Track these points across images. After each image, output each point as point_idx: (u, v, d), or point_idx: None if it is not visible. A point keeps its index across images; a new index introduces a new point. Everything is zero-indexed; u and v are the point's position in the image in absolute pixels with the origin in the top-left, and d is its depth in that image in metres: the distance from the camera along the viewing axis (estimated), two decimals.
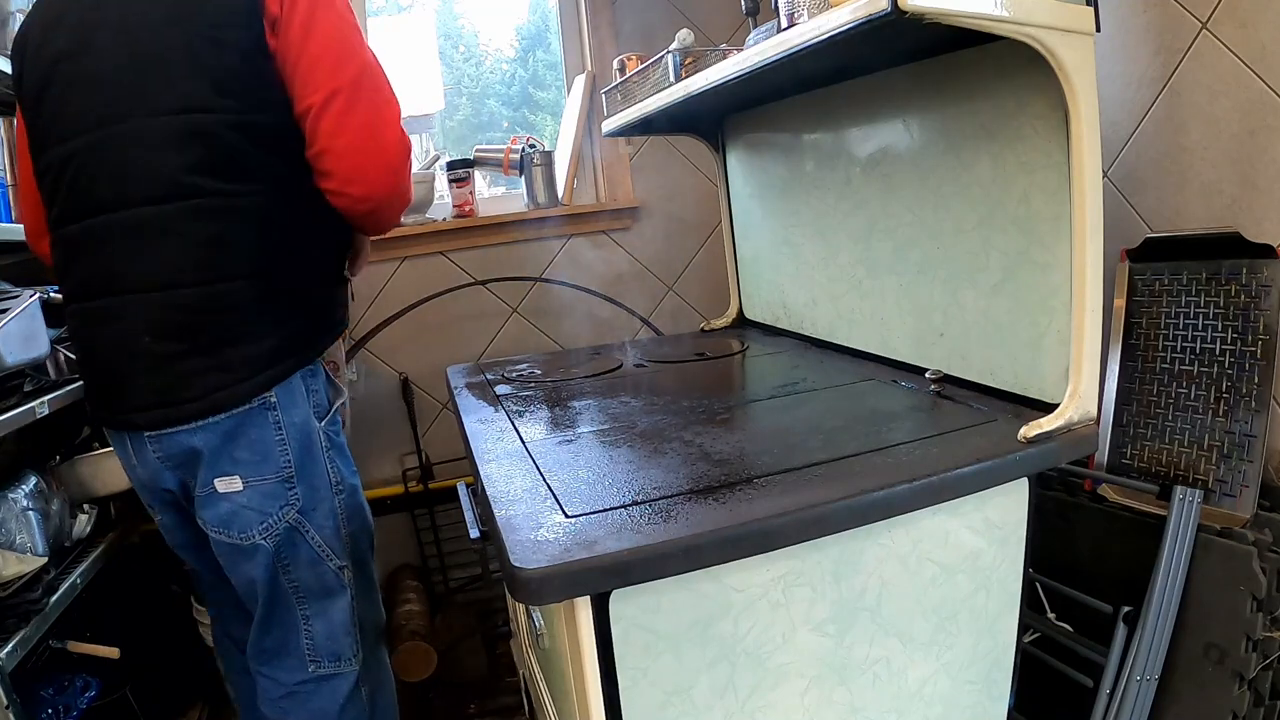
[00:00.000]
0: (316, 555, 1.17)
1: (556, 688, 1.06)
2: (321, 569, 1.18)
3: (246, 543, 1.13)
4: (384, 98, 1.10)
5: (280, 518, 1.14)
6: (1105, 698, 1.20)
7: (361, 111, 1.06)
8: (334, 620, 1.20)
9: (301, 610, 1.19)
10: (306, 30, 1.04)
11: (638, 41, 2.19)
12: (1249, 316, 1.18)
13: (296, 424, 1.13)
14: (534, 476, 0.98)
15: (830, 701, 0.94)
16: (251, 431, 1.10)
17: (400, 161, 1.11)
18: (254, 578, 1.16)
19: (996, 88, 1.08)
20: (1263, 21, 1.15)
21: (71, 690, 1.55)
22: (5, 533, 1.34)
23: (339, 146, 1.06)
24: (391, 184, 1.11)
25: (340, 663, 1.22)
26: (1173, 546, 1.18)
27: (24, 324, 1.34)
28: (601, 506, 0.86)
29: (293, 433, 1.13)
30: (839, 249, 1.50)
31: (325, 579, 1.19)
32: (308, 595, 1.18)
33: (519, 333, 2.32)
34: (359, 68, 1.06)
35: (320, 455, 1.17)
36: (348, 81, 1.05)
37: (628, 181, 2.34)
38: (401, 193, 1.15)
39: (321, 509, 1.17)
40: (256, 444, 1.10)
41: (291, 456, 1.13)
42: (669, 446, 1.05)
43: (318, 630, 1.19)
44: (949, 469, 0.90)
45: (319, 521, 1.17)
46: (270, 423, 1.11)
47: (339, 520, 1.20)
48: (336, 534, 1.19)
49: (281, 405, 1.11)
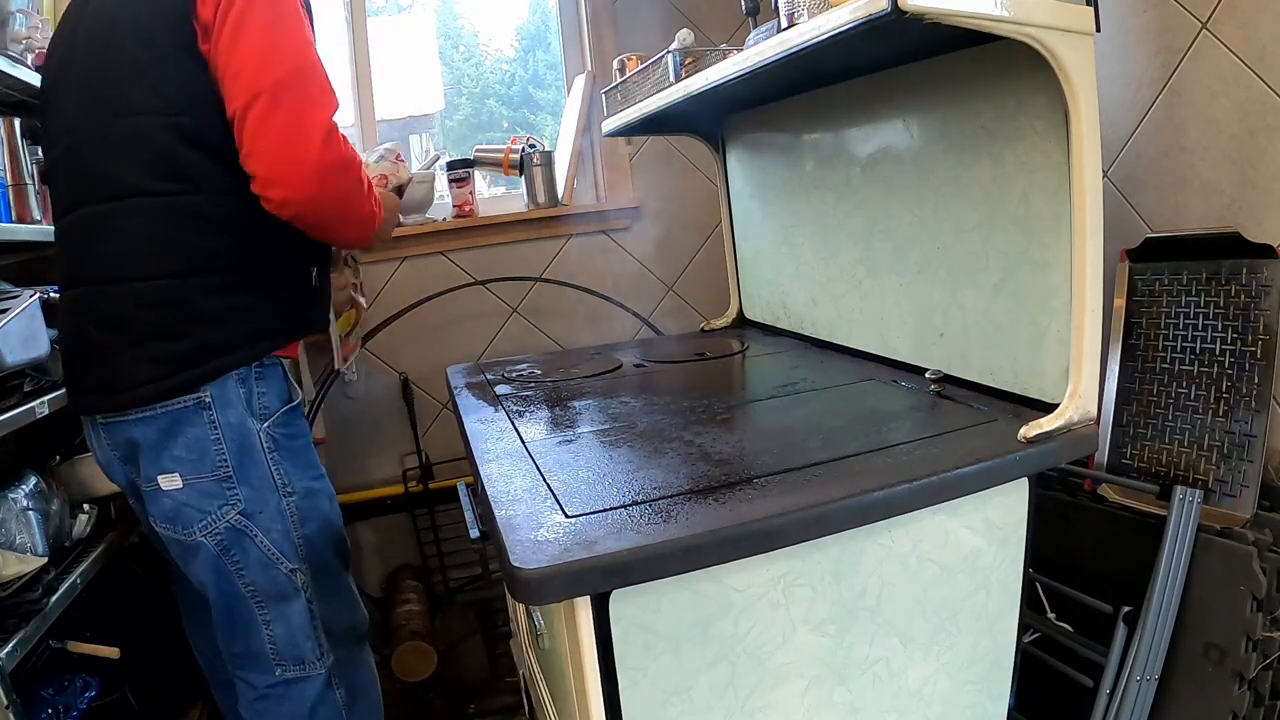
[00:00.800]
0: (266, 558, 1.17)
1: (556, 688, 1.06)
2: (273, 572, 1.17)
3: (189, 540, 1.16)
4: (311, 100, 1.06)
5: (220, 516, 1.14)
6: (1105, 698, 1.20)
7: (283, 114, 1.04)
8: (292, 623, 1.20)
9: (260, 614, 1.19)
10: (236, 34, 1.04)
11: (638, 41, 2.19)
12: (1249, 316, 1.18)
13: (232, 424, 1.14)
14: (534, 476, 0.98)
15: (830, 701, 0.94)
16: (188, 430, 1.12)
17: (325, 167, 1.06)
18: (203, 578, 1.19)
19: (996, 88, 1.08)
20: (1263, 21, 1.15)
21: (71, 690, 1.55)
22: (5, 533, 1.33)
23: (260, 149, 1.05)
24: (313, 190, 1.07)
25: (304, 666, 1.21)
26: (1173, 546, 1.18)
27: (24, 324, 1.34)
28: (601, 506, 0.86)
29: (228, 433, 1.13)
30: (839, 249, 1.50)
31: (278, 582, 1.18)
32: (264, 599, 1.18)
33: (519, 333, 2.32)
34: (287, 70, 1.05)
35: (261, 457, 1.16)
36: (271, 84, 1.04)
37: (628, 181, 2.34)
38: (331, 200, 1.10)
39: (267, 511, 1.17)
40: (193, 443, 1.12)
41: (228, 457, 1.14)
42: (669, 446, 1.05)
43: (278, 633, 1.20)
44: (949, 469, 0.90)
45: (265, 524, 1.16)
46: (205, 422, 1.12)
47: (289, 523, 1.19)
48: (287, 536, 1.18)
49: (216, 405, 1.12)
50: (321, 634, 1.23)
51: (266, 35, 1.05)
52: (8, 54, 1.52)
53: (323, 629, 1.24)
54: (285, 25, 1.06)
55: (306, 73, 1.06)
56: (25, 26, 1.58)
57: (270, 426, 1.18)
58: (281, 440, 1.19)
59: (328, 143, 1.06)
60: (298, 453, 1.22)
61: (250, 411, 1.16)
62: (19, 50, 1.56)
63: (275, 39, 1.05)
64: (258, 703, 1.22)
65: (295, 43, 1.07)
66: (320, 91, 1.08)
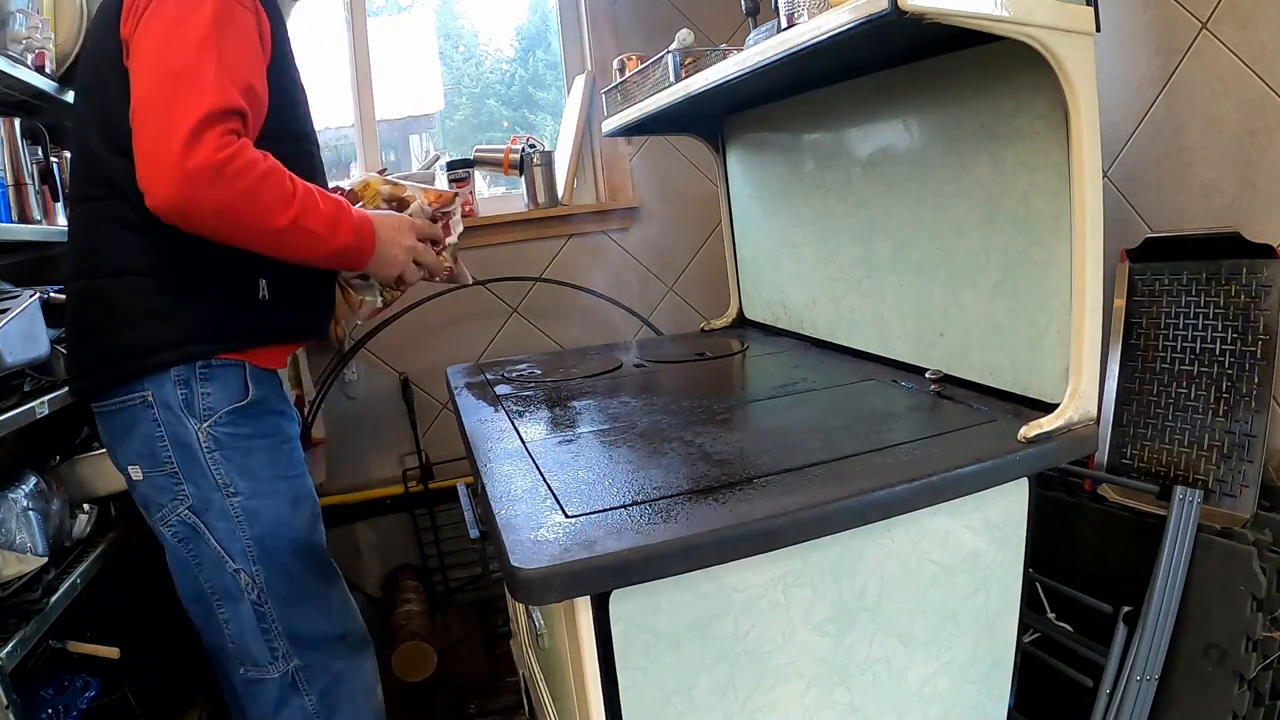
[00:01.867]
0: (216, 556, 1.19)
1: (556, 688, 1.06)
2: (223, 570, 1.20)
3: (156, 529, 1.22)
4: (179, 99, 1.02)
5: (172, 510, 1.19)
6: (1105, 698, 1.20)
7: (151, 117, 1.03)
8: (243, 623, 1.21)
9: (220, 612, 1.21)
10: (138, 45, 1.06)
11: (638, 41, 2.19)
12: (1249, 316, 1.18)
13: (171, 422, 1.17)
14: (534, 476, 0.98)
15: (830, 701, 0.94)
16: (139, 426, 1.17)
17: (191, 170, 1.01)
18: (172, 565, 1.24)
19: (996, 88, 1.08)
20: (1263, 21, 1.15)
21: (71, 690, 1.55)
22: (5, 533, 1.33)
23: (136, 153, 1.04)
24: (179, 193, 1.02)
25: (260, 668, 1.23)
26: (1173, 546, 1.18)
27: (24, 324, 1.34)
28: (601, 506, 0.86)
29: (169, 430, 1.17)
30: (839, 249, 1.50)
31: (227, 582, 1.20)
32: (221, 596, 1.21)
33: (519, 333, 2.32)
34: (162, 73, 1.03)
35: (200, 457, 1.17)
36: (146, 88, 1.04)
37: (628, 181, 2.34)
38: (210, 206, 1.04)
39: (213, 510, 1.18)
40: (143, 438, 1.17)
41: (172, 454, 1.17)
42: (669, 446, 1.05)
43: (234, 632, 1.22)
44: (949, 469, 0.90)
45: (211, 523, 1.19)
46: (150, 419, 1.17)
47: (233, 524, 1.19)
48: (232, 537, 1.19)
49: (157, 403, 1.16)
50: (278, 638, 1.23)
51: (156, 42, 1.05)
52: (8, 54, 1.52)
53: (284, 633, 1.23)
54: (178, 30, 1.04)
55: (181, 73, 1.03)
56: (25, 26, 1.58)
57: (212, 426, 1.17)
58: (226, 440, 1.18)
59: (191, 144, 1.00)
60: (250, 453, 1.20)
61: (190, 411, 1.17)
62: (19, 50, 1.56)
63: (163, 44, 1.05)
64: (242, 697, 1.26)
65: (182, 45, 1.04)
66: (191, 91, 1.02)
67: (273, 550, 1.21)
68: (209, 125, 1.02)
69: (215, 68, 1.04)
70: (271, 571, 1.21)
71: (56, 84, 1.70)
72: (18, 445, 1.62)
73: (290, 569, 1.24)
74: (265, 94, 1.13)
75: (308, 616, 1.26)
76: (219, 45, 1.05)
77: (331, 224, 1.15)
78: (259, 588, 1.21)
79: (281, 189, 1.09)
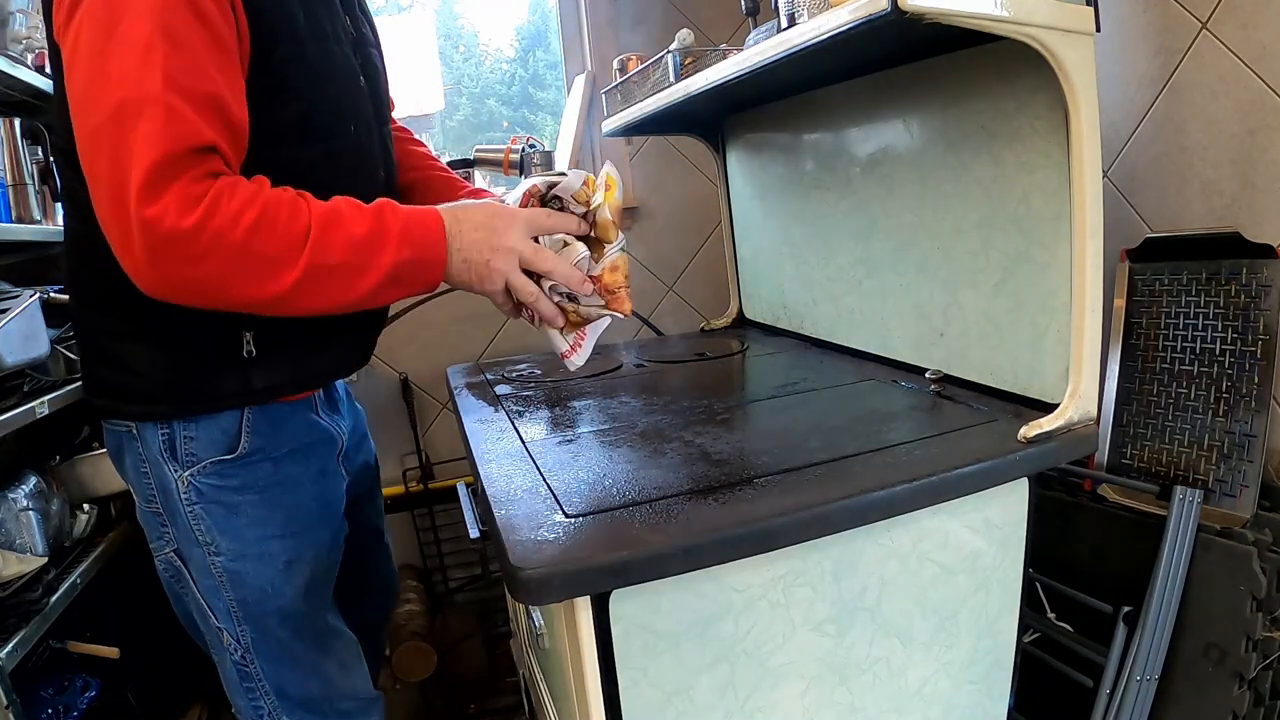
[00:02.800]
0: (200, 606, 1.05)
1: (556, 688, 1.06)
2: (207, 622, 1.06)
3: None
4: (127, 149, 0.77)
5: (160, 548, 1.06)
6: (1105, 698, 1.20)
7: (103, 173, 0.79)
8: (227, 674, 1.08)
9: (211, 652, 1.10)
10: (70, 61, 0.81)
11: (638, 41, 2.19)
12: (1249, 316, 1.18)
13: (152, 463, 1.00)
14: (534, 476, 0.98)
15: (830, 701, 0.94)
16: (127, 455, 1.03)
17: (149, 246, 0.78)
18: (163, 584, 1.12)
19: (996, 88, 1.08)
20: (1263, 21, 1.15)
21: (71, 690, 1.55)
22: (5, 533, 1.34)
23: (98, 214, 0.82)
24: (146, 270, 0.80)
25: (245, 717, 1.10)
26: (1173, 546, 1.18)
27: (24, 324, 1.34)
28: (601, 506, 0.86)
29: (152, 470, 1.01)
30: (839, 249, 1.50)
31: (210, 633, 1.07)
32: (210, 641, 1.08)
33: (519, 333, 2.32)
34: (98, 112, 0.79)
35: (180, 505, 1.00)
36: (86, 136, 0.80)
37: (628, 182, 2.34)
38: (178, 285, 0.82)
39: (195, 562, 1.03)
40: (131, 468, 1.03)
41: (156, 493, 1.02)
42: (669, 446, 1.05)
43: (221, 675, 1.10)
44: (949, 469, 0.90)
45: (194, 574, 1.04)
46: (135, 451, 1.01)
47: (216, 582, 1.02)
48: (214, 594, 1.03)
49: (140, 438, 1.00)
50: (265, 695, 1.08)
51: (87, 58, 0.79)
52: (8, 54, 1.52)
53: (271, 691, 1.08)
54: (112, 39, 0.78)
55: (122, 106, 0.77)
56: (25, 26, 1.58)
57: (195, 476, 0.99)
58: (210, 492, 1.00)
59: (146, 208, 0.77)
60: (236, 509, 1.01)
61: (172, 455, 0.99)
62: (19, 50, 1.57)
63: (96, 61, 0.78)
64: None
65: (119, 62, 0.77)
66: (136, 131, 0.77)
67: (258, 615, 1.04)
68: (166, 179, 0.77)
69: (163, 86, 0.78)
70: (258, 634, 1.05)
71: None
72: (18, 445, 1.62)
73: (278, 636, 1.06)
74: (243, 105, 0.86)
75: (298, 681, 1.09)
76: (171, 49, 0.79)
77: (367, 245, 0.87)
78: (243, 648, 1.05)
79: (285, 234, 0.83)
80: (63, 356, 1.56)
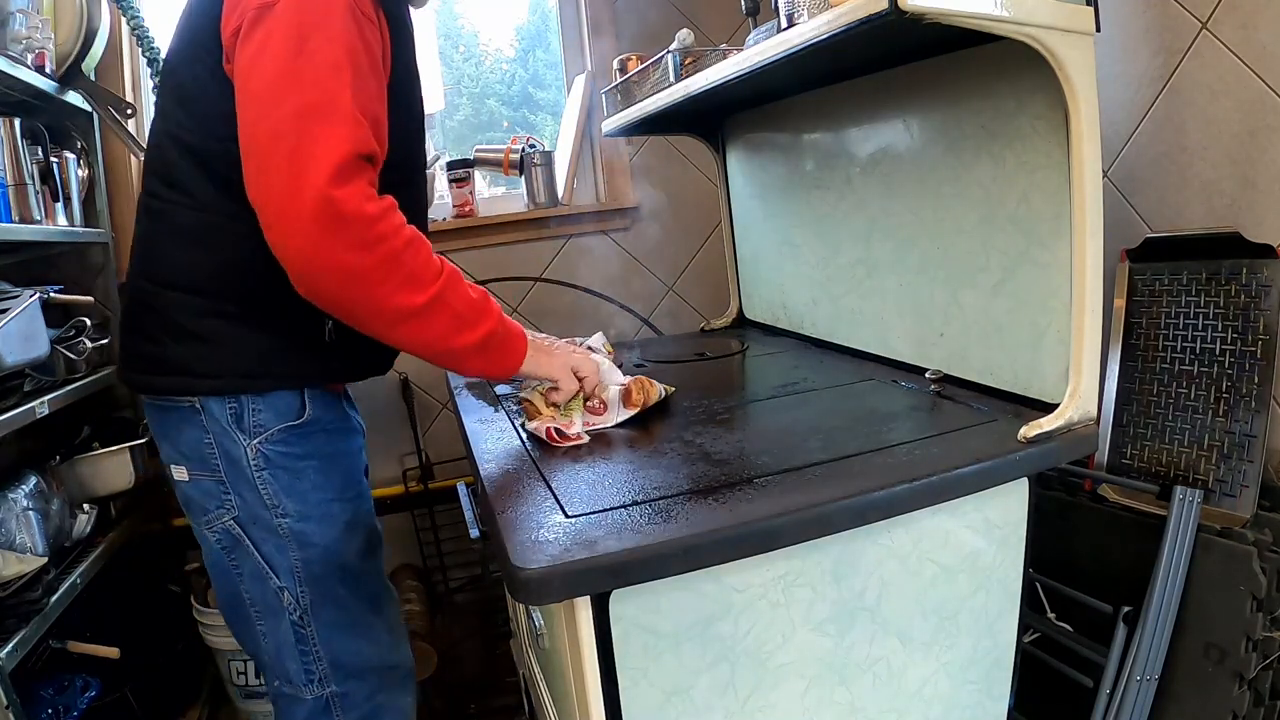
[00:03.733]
0: (259, 570, 1.12)
1: (556, 688, 1.06)
2: (265, 586, 1.13)
3: (198, 531, 1.15)
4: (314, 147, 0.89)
5: (217, 517, 1.12)
6: (1105, 698, 1.20)
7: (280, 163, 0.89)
8: (281, 640, 1.15)
9: (258, 623, 1.15)
10: (254, 60, 0.92)
11: (638, 41, 2.19)
12: (1249, 316, 1.18)
13: (220, 435, 1.09)
14: (534, 476, 0.98)
15: (830, 701, 0.94)
16: (186, 430, 1.10)
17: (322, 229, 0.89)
18: (210, 566, 1.17)
19: (996, 88, 1.08)
20: (1263, 21, 1.15)
21: (71, 690, 1.55)
22: (5, 533, 1.34)
23: (259, 198, 0.93)
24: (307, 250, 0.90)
25: (294, 686, 1.16)
26: (1173, 546, 1.18)
27: (24, 324, 1.34)
28: (601, 506, 0.86)
29: (219, 441, 1.09)
30: (839, 249, 1.50)
31: (269, 597, 1.13)
32: (261, 609, 1.14)
33: None
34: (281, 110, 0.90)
35: (249, 474, 1.09)
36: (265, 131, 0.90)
37: (628, 181, 2.34)
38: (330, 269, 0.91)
39: (260, 525, 1.11)
40: (190, 443, 1.10)
41: (220, 464, 1.10)
42: (669, 446, 1.05)
43: (270, 646, 1.16)
44: (949, 469, 0.90)
45: (257, 536, 1.11)
46: (198, 425, 1.09)
47: (281, 543, 1.11)
48: (281, 553, 1.12)
49: (205, 413, 1.08)
50: (318, 661, 1.16)
51: (276, 63, 0.91)
52: (8, 54, 1.52)
53: (324, 658, 1.16)
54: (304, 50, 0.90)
55: (313, 109, 0.90)
56: (25, 26, 1.58)
57: (263, 444, 1.09)
58: (277, 459, 1.10)
59: (330, 198, 0.88)
60: (301, 474, 1.12)
61: (239, 426, 1.09)
62: (19, 50, 1.56)
63: (285, 66, 0.90)
64: (276, 703, 1.20)
65: (311, 70, 0.90)
66: (326, 132, 0.90)
67: (320, 575, 1.13)
68: (354, 171, 0.90)
69: (351, 102, 0.91)
70: (318, 595, 1.14)
71: (56, 84, 1.71)
72: (18, 445, 1.62)
73: (338, 595, 1.15)
74: (387, 127, 0.99)
75: (352, 645, 1.18)
76: (354, 72, 0.92)
77: (478, 306, 1.01)
78: (302, 609, 1.13)
79: (426, 262, 0.96)
80: (63, 356, 1.56)
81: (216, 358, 1.07)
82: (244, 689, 1.88)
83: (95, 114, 1.88)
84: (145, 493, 1.94)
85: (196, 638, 1.89)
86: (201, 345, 1.06)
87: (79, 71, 1.79)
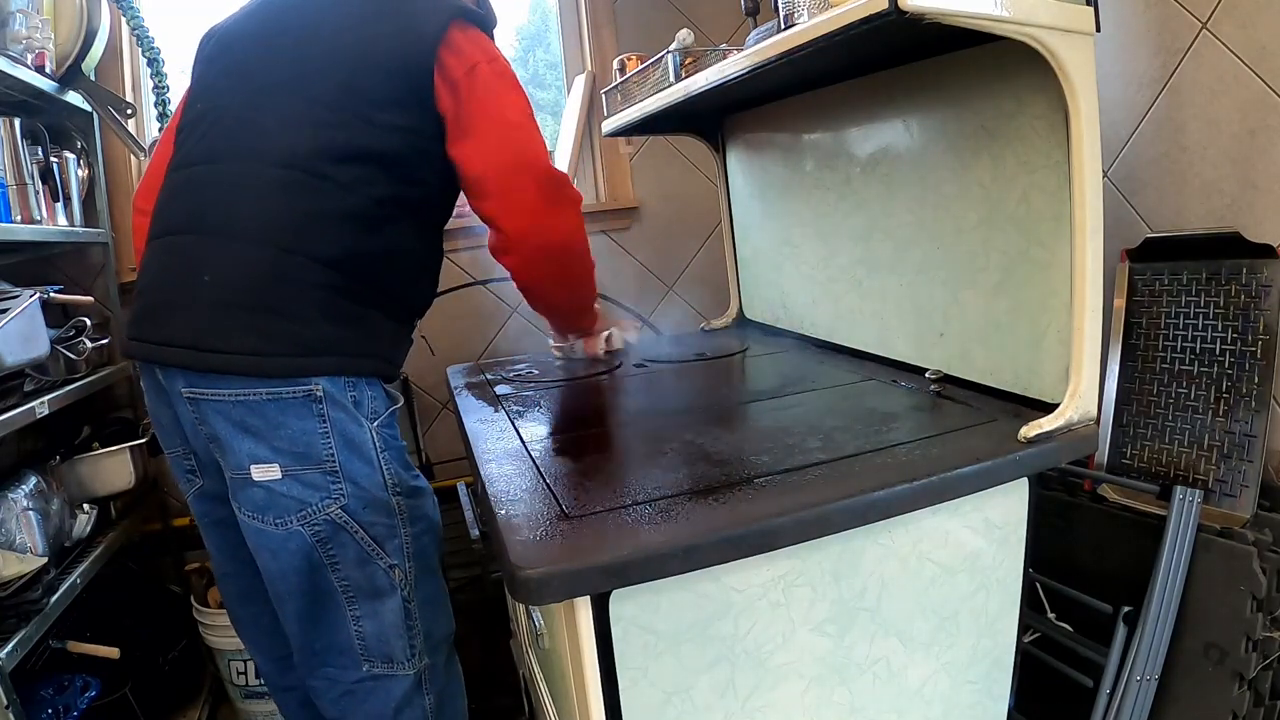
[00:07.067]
0: (365, 554, 1.14)
1: (556, 688, 1.06)
2: (371, 568, 1.14)
3: (282, 529, 1.10)
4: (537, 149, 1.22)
5: (320, 509, 1.10)
6: (1105, 698, 1.20)
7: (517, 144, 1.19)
8: (384, 621, 1.17)
9: (351, 610, 1.15)
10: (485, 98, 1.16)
11: (638, 41, 2.19)
12: (1249, 316, 1.18)
13: (343, 420, 1.10)
14: (534, 476, 0.98)
15: (830, 701, 0.94)
16: (294, 423, 1.08)
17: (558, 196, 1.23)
18: (287, 567, 1.12)
19: (996, 88, 1.08)
20: (1263, 21, 1.15)
21: (71, 690, 1.55)
22: (5, 533, 1.34)
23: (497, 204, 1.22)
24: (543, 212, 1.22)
25: (393, 665, 1.18)
26: (1173, 546, 1.18)
27: (24, 324, 1.34)
28: (601, 506, 0.86)
29: (338, 428, 1.10)
30: (839, 249, 1.50)
31: (375, 578, 1.15)
32: (357, 594, 1.15)
33: (519, 333, 2.32)
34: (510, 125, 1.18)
35: (374, 456, 1.14)
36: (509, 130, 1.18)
37: (628, 181, 2.34)
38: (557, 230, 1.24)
39: (373, 507, 1.14)
40: (298, 435, 1.08)
41: (335, 452, 1.10)
42: (669, 446, 1.05)
43: (368, 630, 1.16)
44: (949, 469, 0.90)
45: (369, 519, 1.13)
46: (314, 415, 1.09)
47: (397, 520, 1.16)
48: (391, 533, 1.16)
49: (328, 399, 1.09)
50: (417, 636, 1.20)
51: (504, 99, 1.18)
52: (8, 54, 1.52)
53: (422, 631, 1.21)
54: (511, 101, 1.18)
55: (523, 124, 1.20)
56: (25, 26, 1.58)
57: (379, 428, 1.16)
58: (388, 440, 1.18)
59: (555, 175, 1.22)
60: (401, 454, 1.20)
61: (360, 410, 1.13)
62: (19, 50, 1.57)
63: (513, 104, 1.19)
64: (343, 699, 1.19)
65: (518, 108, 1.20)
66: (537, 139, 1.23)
67: (424, 548, 1.22)
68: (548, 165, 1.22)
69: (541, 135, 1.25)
70: (420, 569, 1.21)
71: (56, 84, 1.71)
72: (18, 445, 1.62)
73: (433, 567, 1.26)
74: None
75: (439, 616, 1.27)
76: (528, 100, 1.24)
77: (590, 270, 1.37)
78: (409, 584, 1.18)
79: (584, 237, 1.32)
80: (63, 356, 1.56)
81: (349, 337, 1.13)
82: (244, 689, 1.87)
83: (95, 114, 1.88)
84: (145, 493, 1.94)
85: (197, 638, 1.89)
86: (335, 325, 1.11)
87: (79, 71, 1.79)
